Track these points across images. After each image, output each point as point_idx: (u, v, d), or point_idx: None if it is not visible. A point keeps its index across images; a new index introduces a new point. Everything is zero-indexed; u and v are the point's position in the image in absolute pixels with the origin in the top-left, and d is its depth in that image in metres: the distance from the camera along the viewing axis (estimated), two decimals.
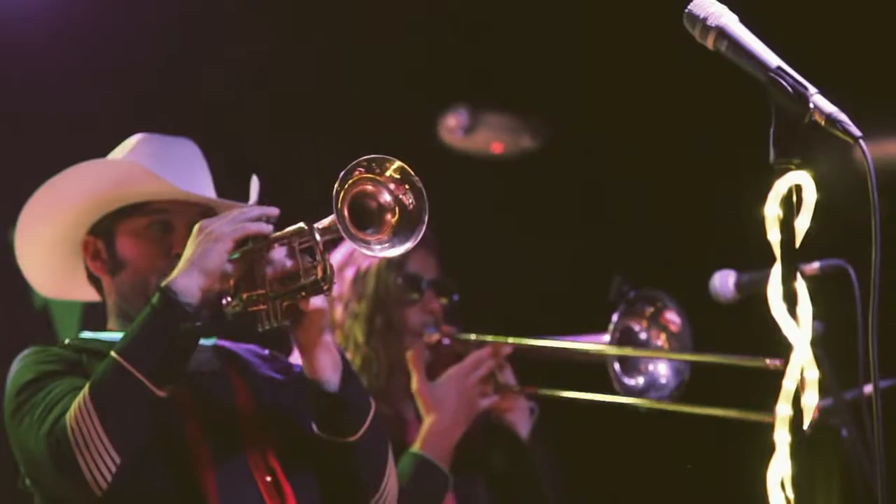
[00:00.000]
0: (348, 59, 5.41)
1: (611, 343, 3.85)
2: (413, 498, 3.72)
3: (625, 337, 3.90)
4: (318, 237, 2.81)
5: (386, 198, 2.80)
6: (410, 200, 2.80)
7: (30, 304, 5.10)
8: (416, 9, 5.42)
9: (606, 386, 3.87)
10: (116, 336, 2.98)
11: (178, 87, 5.13)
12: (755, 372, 3.45)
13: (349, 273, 3.97)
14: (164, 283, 2.85)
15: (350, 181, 2.76)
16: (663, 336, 3.93)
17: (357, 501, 3.05)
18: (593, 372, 3.89)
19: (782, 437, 2.20)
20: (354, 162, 2.77)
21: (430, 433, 3.83)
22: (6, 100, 5.08)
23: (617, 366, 3.86)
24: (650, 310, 3.93)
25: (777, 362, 3.41)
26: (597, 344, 3.88)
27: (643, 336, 3.93)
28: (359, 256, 3.99)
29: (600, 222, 5.34)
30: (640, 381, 3.91)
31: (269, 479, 2.98)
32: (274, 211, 2.93)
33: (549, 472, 4.01)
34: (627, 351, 3.86)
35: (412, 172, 2.81)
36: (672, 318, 3.92)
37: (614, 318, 3.86)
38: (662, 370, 3.91)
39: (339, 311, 3.96)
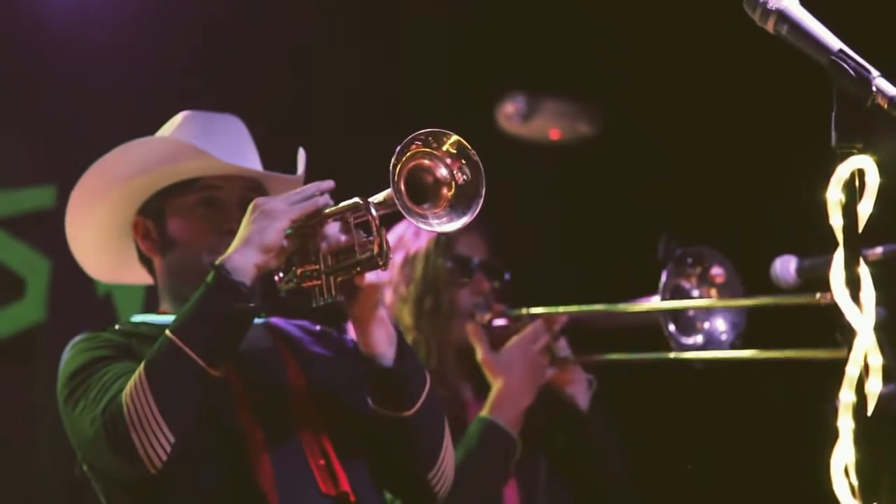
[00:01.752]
0: (405, 42, 5.41)
1: (662, 301, 3.83)
2: (480, 462, 3.75)
3: (676, 296, 3.89)
4: (373, 212, 2.79)
5: (442, 172, 2.79)
6: (467, 174, 2.78)
7: (94, 293, 5.16)
8: None
9: (664, 349, 3.86)
10: (167, 319, 3.00)
11: (226, 64, 5.17)
12: (811, 329, 3.43)
13: (398, 257, 3.97)
14: (218, 262, 2.86)
15: (407, 155, 2.74)
16: (714, 291, 3.92)
17: (415, 475, 3.05)
18: (649, 337, 3.88)
19: (846, 424, 2.18)
20: (411, 136, 2.76)
21: (499, 398, 3.85)
22: (59, 73, 5.15)
23: (672, 326, 3.85)
24: (698, 269, 3.92)
25: (828, 296, 3.39)
26: (651, 302, 3.87)
27: (695, 294, 3.92)
28: (408, 240, 4.00)
29: (658, 208, 5.32)
30: (699, 338, 3.89)
31: (322, 462, 2.99)
32: (329, 184, 2.92)
33: (612, 443, 4.00)
34: (681, 304, 3.84)
35: (469, 147, 2.79)
36: (717, 271, 3.91)
37: (663, 276, 3.85)
38: (719, 325, 3.89)
39: (388, 294, 3.97)
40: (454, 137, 2.79)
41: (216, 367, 2.83)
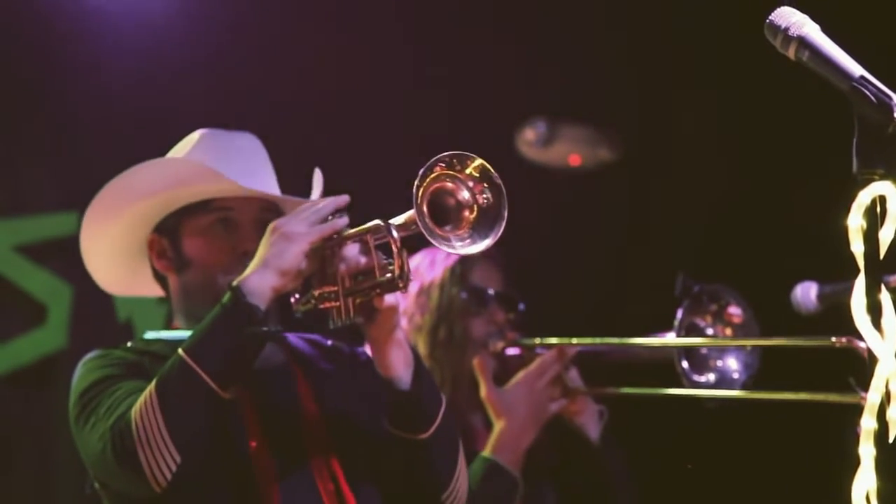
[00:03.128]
0: (425, 66, 5.43)
1: (677, 337, 3.81)
2: (482, 502, 3.71)
3: (691, 333, 3.87)
4: (394, 234, 2.79)
5: (465, 195, 2.78)
6: (489, 197, 2.78)
7: (115, 319, 5.17)
8: (493, 18, 5.44)
9: (675, 386, 3.83)
10: (180, 335, 3.01)
11: (244, 83, 5.19)
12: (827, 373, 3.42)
13: (413, 287, 3.96)
14: (235, 283, 2.86)
15: (430, 177, 2.74)
16: (728, 331, 3.89)
17: (429, 498, 3.05)
18: (661, 373, 3.86)
19: (867, 451, 2.18)
20: (435, 158, 2.76)
21: (501, 438, 3.82)
22: (81, 99, 5.18)
23: (685, 363, 3.82)
24: (714, 307, 3.89)
25: (843, 340, 3.37)
26: (663, 338, 3.85)
27: (709, 332, 3.90)
28: (424, 270, 3.99)
29: (679, 234, 5.32)
30: (711, 377, 3.87)
31: (331, 486, 2.99)
32: (345, 199, 2.92)
33: (622, 475, 3.98)
34: (693, 341, 3.81)
35: (492, 170, 2.79)
36: (735, 311, 3.89)
37: (679, 313, 3.83)
38: (732, 364, 3.86)
39: (402, 324, 3.95)
40: (478, 161, 2.79)
41: (226, 389, 2.83)
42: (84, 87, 5.20)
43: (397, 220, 2.81)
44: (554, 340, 3.95)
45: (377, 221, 2.83)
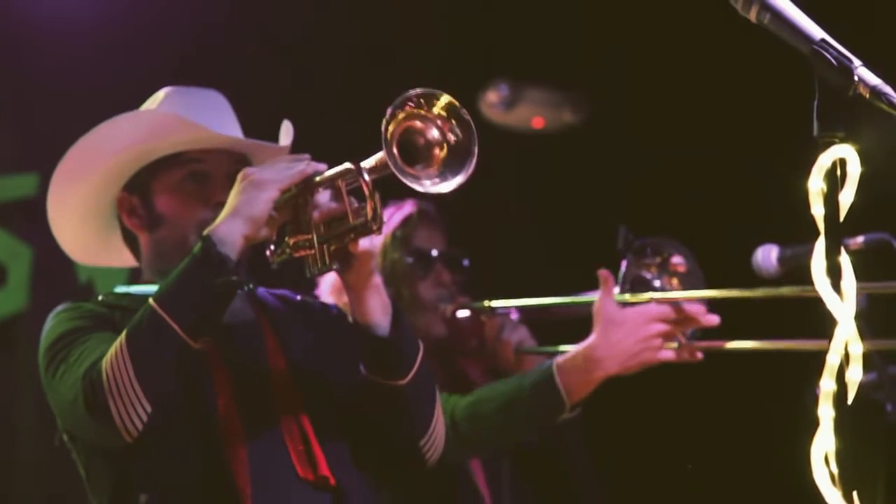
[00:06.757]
0: (390, 30, 5.41)
1: (622, 292, 3.80)
2: (523, 407, 3.66)
3: (637, 287, 3.86)
4: (366, 177, 2.77)
5: (434, 133, 2.77)
6: (458, 134, 2.76)
7: (75, 281, 5.15)
8: None
9: None
10: (150, 289, 2.97)
11: (207, 43, 5.17)
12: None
13: None
14: (205, 232, 2.83)
15: (398, 117, 2.72)
16: (675, 281, 3.89)
17: (407, 444, 3.04)
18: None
19: (826, 412, 2.19)
20: (402, 97, 2.74)
21: (582, 353, 3.65)
22: (41, 60, 5.14)
23: None
24: (658, 258, 3.89)
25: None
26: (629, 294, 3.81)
27: (657, 283, 3.89)
28: None
29: (641, 197, 5.33)
30: None
31: (301, 447, 2.97)
32: (322, 167, 2.90)
33: (576, 436, 3.97)
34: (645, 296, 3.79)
35: (460, 106, 2.77)
36: (678, 261, 3.88)
37: (623, 267, 3.82)
38: None
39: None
40: (445, 98, 2.77)
41: (197, 340, 2.81)
42: (43, 49, 5.16)
43: (367, 162, 2.78)
44: (502, 303, 3.94)
45: (347, 165, 2.81)
